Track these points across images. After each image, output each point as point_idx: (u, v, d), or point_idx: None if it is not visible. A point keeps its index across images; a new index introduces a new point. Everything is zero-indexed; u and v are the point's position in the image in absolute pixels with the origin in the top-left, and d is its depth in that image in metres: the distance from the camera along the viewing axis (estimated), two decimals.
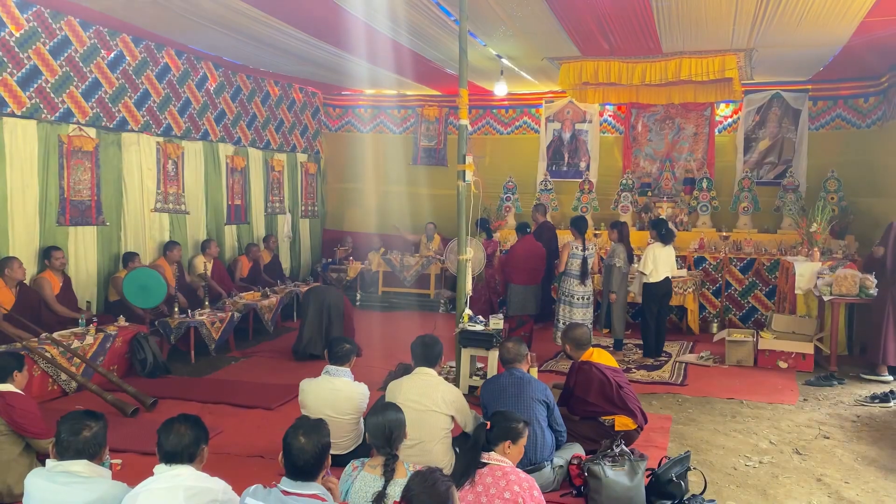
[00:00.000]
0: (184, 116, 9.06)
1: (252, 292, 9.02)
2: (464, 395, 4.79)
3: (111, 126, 7.86)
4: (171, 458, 2.81)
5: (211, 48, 8.76)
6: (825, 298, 7.49)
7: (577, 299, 7.83)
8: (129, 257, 7.73)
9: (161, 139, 8.62)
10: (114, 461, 3.66)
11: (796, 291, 8.10)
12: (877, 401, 6.36)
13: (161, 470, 2.82)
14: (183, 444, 2.82)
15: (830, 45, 7.79)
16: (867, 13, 6.36)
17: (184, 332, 7.39)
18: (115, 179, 7.94)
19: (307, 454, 2.76)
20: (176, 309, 7.55)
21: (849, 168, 9.98)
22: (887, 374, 7.09)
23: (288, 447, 2.79)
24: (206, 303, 8.03)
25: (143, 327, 7.22)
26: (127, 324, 7.07)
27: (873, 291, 7.16)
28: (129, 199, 8.12)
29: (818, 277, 7.76)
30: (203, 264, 8.70)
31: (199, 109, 9.36)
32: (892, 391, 6.42)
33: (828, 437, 5.50)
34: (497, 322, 6.29)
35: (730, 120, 10.81)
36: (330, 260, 11.54)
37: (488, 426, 3.45)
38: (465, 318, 6.19)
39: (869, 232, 9.39)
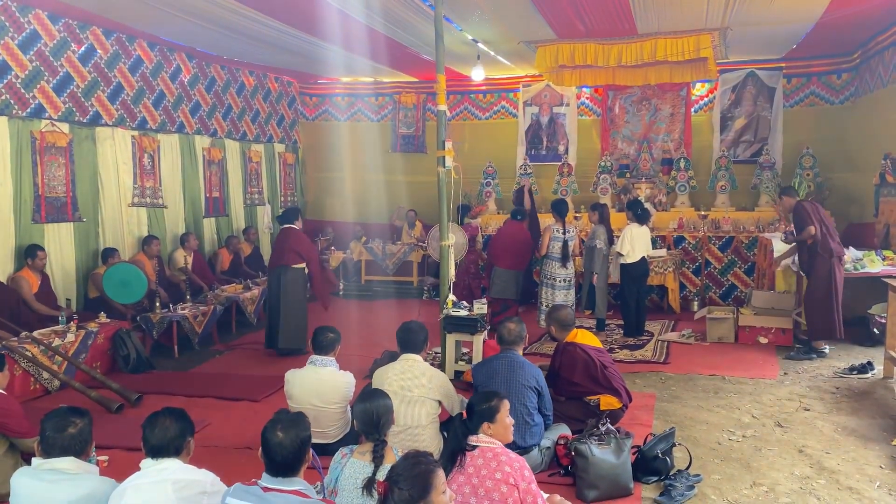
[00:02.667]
0: (158, 109, 8.94)
1: (234, 285, 8.96)
2: (450, 379, 4.80)
3: (84, 121, 7.74)
4: (158, 451, 2.78)
5: (183, 39, 8.64)
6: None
7: (559, 281, 7.88)
8: (109, 253, 7.64)
9: (136, 133, 8.51)
10: (100, 458, 3.63)
11: (774, 268, 8.20)
12: (855, 372, 6.47)
13: (147, 464, 2.79)
14: (168, 438, 2.79)
15: (803, 23, 7.86)
16: None
17: (166, 326, 7.34)
18: (91, 175, 7.83)
19: (286, 449, 2.67)
20: (157, 304, 7.50)
21: (823, 144, 10.08)
22: (825, 347, 7.09)
23: (266, 442, 2.71)
24: (188, 296, 7.97)
25: (125, 323, 7.16)
26: (108, 320, 7.00)
27: (849, 265, 7.24)
28: (106, 194, 8.02)
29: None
30: (183, 258, 8.63)
31: (174, 102, 9.24)
32: (869, 362, 6.53)
33: (808, 410, 5.59)
34: (481, 307, 6.31)
35: (706, 99, 10.87)
36: None
37: (464, 416, 3.46)
38: (449, 304, 6.20)
39: (845, 207, 9.52)
